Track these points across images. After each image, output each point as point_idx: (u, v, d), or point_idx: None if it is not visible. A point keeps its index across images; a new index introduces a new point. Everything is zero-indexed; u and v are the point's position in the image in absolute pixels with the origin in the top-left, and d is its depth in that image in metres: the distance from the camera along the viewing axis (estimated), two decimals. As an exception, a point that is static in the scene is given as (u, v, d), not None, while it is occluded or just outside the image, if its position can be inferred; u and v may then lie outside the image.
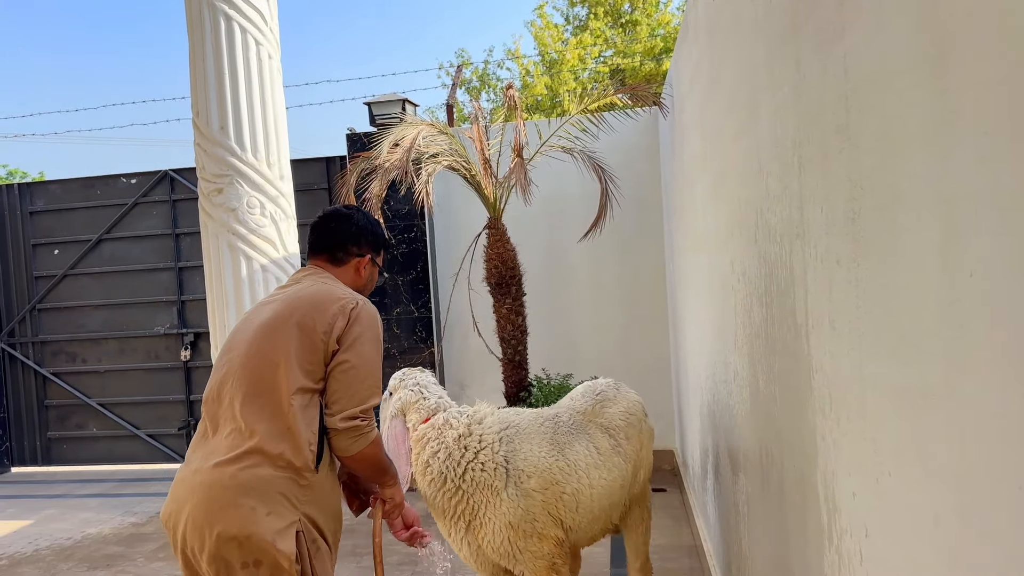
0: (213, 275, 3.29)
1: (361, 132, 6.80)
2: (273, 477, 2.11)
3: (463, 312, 6.25)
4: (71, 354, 7.81)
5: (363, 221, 2.54)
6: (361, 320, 2.25)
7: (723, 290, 2.93)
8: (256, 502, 2.08)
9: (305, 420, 2.16)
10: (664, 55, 18.05)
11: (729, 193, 2.69)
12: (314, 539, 2.17)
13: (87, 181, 7.78)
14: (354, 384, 2.19)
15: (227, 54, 3.23)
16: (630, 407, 3.26)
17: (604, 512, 3.02)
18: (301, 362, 2.18)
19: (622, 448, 3.10)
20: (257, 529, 2.07)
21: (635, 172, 6.28)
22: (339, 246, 2.48)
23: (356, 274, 2.50)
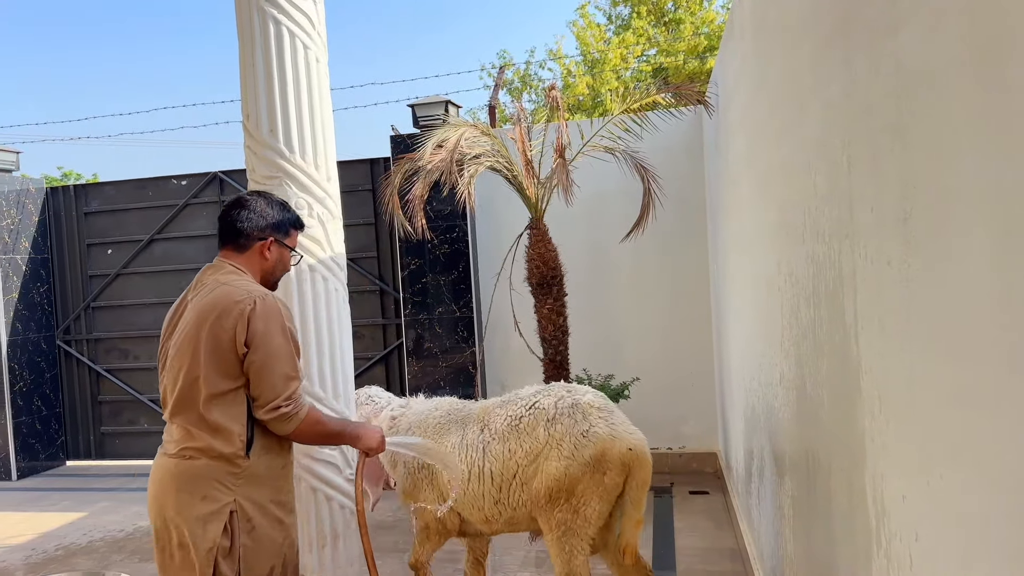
0: (262, 274, 3.34)
1: (405, 133, 6.87)
2: (207, 466, 2.36)
3: (504, 312, 6.28)
4: (123, 351, 8.03)
5: (260, 205, 2.61)
6: (260, 318, 2.36)
7: (769, 291, 2.90)
8: (192, 488, 2.36)
9: (231, 416, 2.38)
10: (708, 53, 17.87)
11: (775, 193, 2.66)
12: (249, 518, 2.40)
13: (139, 183, 7.99)
14: (268, 379, 2.36)
15: (276, 58, 3.29)
16: (523, 415, 3.19)
17: (481, 500, 3.21)
18: (217, 370, 2.36)
19: (489, 447, 3.21)
20: (191, 513, 2.35)
21: (678, 171, 6.24)
22: (239, 233, 2.58)
23: (262, 258, 2.59)
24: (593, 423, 3.07)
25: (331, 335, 3.39)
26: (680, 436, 6.49)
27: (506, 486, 3.16)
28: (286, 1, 3.26)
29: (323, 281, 3.41)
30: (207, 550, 2.35)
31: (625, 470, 3.05)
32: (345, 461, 3.33)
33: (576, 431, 3.05)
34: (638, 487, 3.08)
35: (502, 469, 3.16)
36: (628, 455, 3.02)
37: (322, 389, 3.32)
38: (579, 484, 3.03)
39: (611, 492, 3.06)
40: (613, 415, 3.15)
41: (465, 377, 6.65)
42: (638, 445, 3.07)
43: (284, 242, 2.66)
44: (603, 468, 3.01)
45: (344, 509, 3.31)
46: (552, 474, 3.04)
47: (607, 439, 3.02)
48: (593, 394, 3.24)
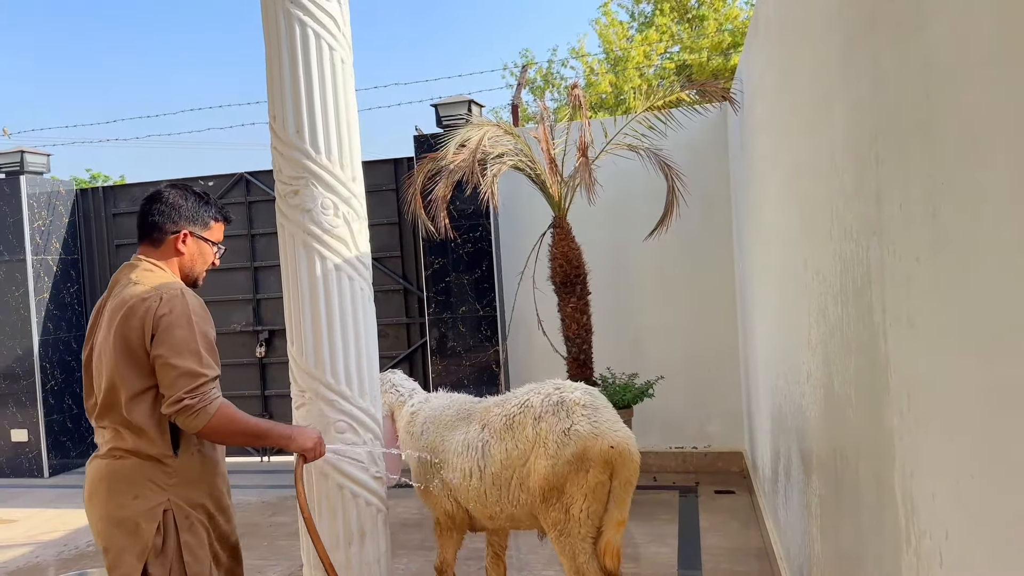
0: (289, 274, 3.39)
1: (428, 133, 6.90)
2: (137, 465, 2.36)
3: (528, 311, 6.28)
4: (153, 350, 8.15)
5: (173, 197, 2.55)
6: (164, 313, 2.32)
7: (796, 289, 2.88)
8: (124, 488, 2.36)
9: (155, 417, 2.36)
10: (732, 50, 17.74)
11: (802, 190, 2.64)
12: (187, 515, 2.39)
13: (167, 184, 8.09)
14: (170, 373, 2.29)
15: (302, 60, 3.33)
16: (516, 414, 3.20)
17: (483, 497, 3.26)
18: (132, 370, 2.34)
19: (488, 446, 3.25)
20: (125, 512, 2.35)
21: (703, 169, 6.20)
22: (153, 228, 2.53)
23: (177, 252, 2.54)
24: (576, 420, 3.05)
25: (356, 334, 3.42)
26: (705, 435, 6.46)
27: (505, 486, 3.18)
28: (311, 3, 3.29)
29: (348, 281, 3.43)
30: (139, 551, 2.33)
31: (608, 468, 3.02)
32: (371, 460, 3.36)
33: (559, 429, 3.04)
34: (621, 486, 3.04)
35: (500, 469, 3.18)
36: (610, 453, 2.98)
37: (348, 387, 3.35)
38: (567, 483, 3.02)
39: (597, 490, 3.03)
40: (598, 413, 3.11)
41: (489, 376, 6.67)
42: (620, 443, 3.02)
43: (202, 235, 2.60)
44: (586, 466, 3.00)
45: (371, 507, 3.34)
46: (541, 473, 3.05)
47: (588, 437, 3.00)
48: (582, 391, 3.20)
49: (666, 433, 6.45)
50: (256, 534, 5.52)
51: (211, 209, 2.64)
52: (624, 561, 4.54)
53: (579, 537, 3.05)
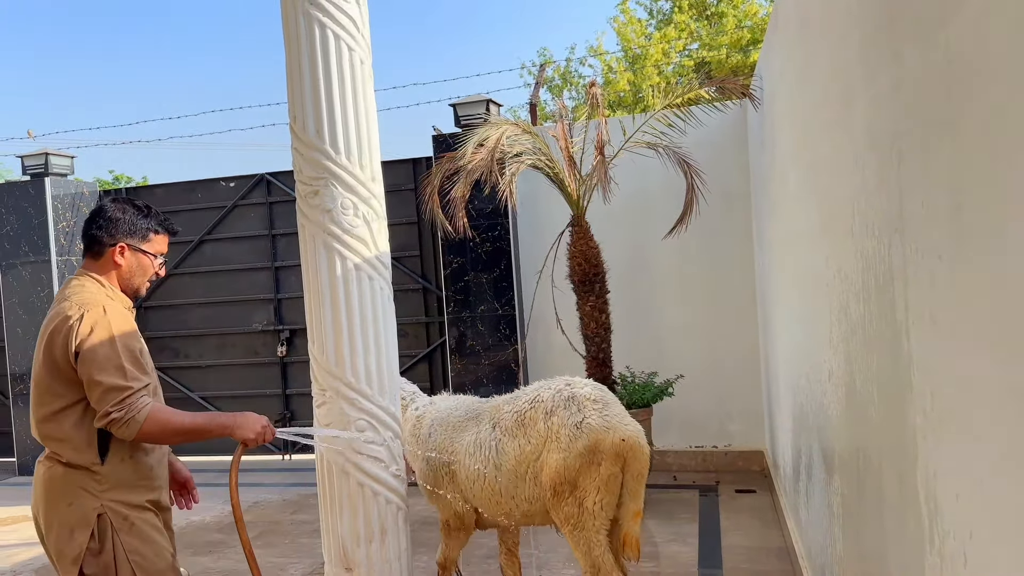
0: (310, 273, 3.41)
1: (447, 133, 6.92)
2: (70, 473, 2.45)
3: (547, 309, 6.28)
4: (175, 350, 8.24)
5: (112, 212, 2.62)
6: (84, 332, 2.40)
7: (817, 287, 2.86)
8: (59, 496, 2.45)
9: (82, 428, 2.46)
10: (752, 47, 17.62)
11: (823, 187, 2.62)
12: (125, 516, 2.47)
13: (189, 185, 8.19)
14: (96, 390, 2.39)
15: (322, 61, 3.34)
16: (527, 410, 3.25)
17: (498, 495, 3.29)
18: (60, 386, 2.44)
19: (500, 443, 3.28)
20: (60, 519, 2.44)
21: (722, 166, 6.17)
22: (93, 240, 2.61)
23: (115, 264, 2.61)
24: (587, 415, 3.10)
25: (376, 333, 3.43)
26: (726, 434, 6.43)
27: (519, 481, 3.22)
28: (331, 4, 3.31)
29: (368, 280, 3.45)
30: (74, 556, 2.41)
31: (620, 461, 3.07)
32: (391, 457, 3.37)
33: (571, 423, 3.10)
34: (634, 478, 3.10)
35: (514, 465, 3.22)
36: (621, 446, 3.04)
37: (368, 386, 3.37)
38: (579, 476, 3.06)
39: (610, 483, 3.08)
40: (608, 407, 3.17)
41: (508, 375, 6.67)
42: (631, 436, 3.07)
43: (139, 247, 2.65)
44: (597, 459, 3.05)
45: (391, 504, 3.36)
46: (553, 467, 3.09)
47: (600, 430, 3.06)
48: (592, 387, 3.26)
49: (686, 432, 6.43)
50: (277, 532, 5.56)
51: (150, 222, 2.70)
52: (644, 560, 4.54)
53: (593, 530, 3.09)
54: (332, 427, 3.34)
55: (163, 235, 2.77)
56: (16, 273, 7.97)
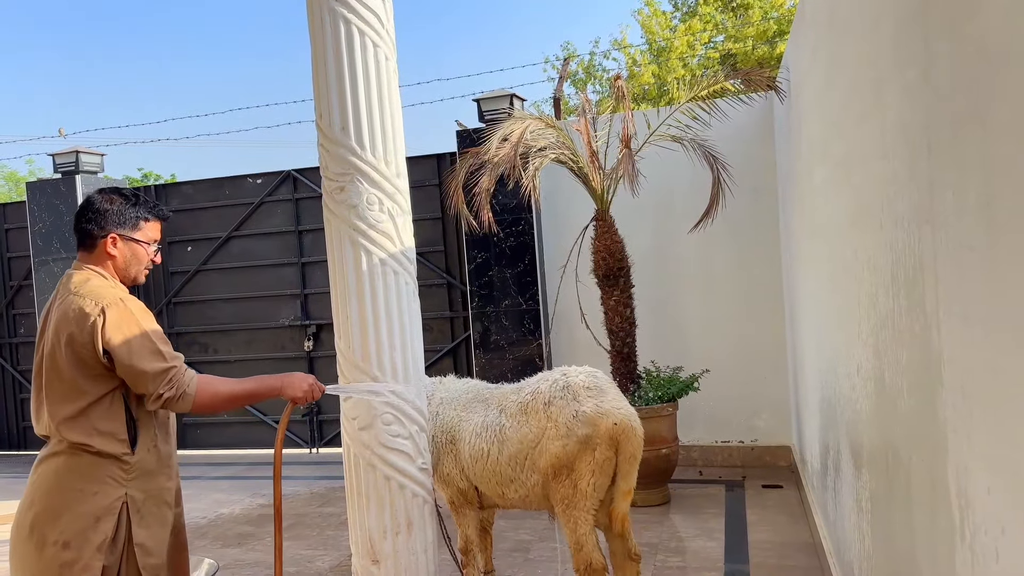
0: (336, 269, 3.45)
1: (471, 128, 6.92)
2: (97, 462, 2.47)
3: (571, 304, 6.27)
4: (203, 344, 8.34)
5: (99, 203, 2.63)
6: (111, 328, 2.44)
7: (846, 280, 2.83)
8: (85, 484, 2.45)
9: (110, 417, 2.49)
10: (778, 38, 17.42)
11: (852, 179, 2.60)
12: (139, 508, 2.52)
13: (216, 182, 8.28)
14: (141, 378, 2.46)
15: (347, 57, 3.37)
16: (529, 401, 3.40)
17: (498, 477, 3.45)
18: (89, 382, 2.46)
19: (503, 429, 3.44)
20: (86, 508, 2.44)
21: (748, 159, 6.11)
22: (85, 234, 2.61)
23: (108, 255, 2.60)
24: (582, 403, 3.29)
25: (402, 328, 3.45)
26: (752, 430, 6.38)
27: (519, 466, 3.41)
28: (356, 1, 3.33)
29: (394, 275, 3.47)
30: (98, 543, 2.44)
31: (614, 444, 3.26)
32: (417, 451, 3.40)
33: (568, 412, 3.29)
34: (626, 460, 3.28)
35: (516, 451, 3.40)
36: (614, 430, 3.23)
37: (394, 379, 3.39)
38: (576, 460, 3.25)
39: (604, 466, 3.27)
40: (603, 393, 3.35)
41: (532, 370, 6.66)
42: (623, 420, 3.26)
43: (132, 236, 2.65)
44: (593, 444, 3.24)
45: (417, 498, 3.38)
46: (553, 452, 3.28)
47: (594, 417, 3.25)
48: (586, 375, 3.42)
49: (712, 427, 6.39)
50: (305, 524, 5.63)
51: (139, 210, 2.69)
52: (670, 554, 4.53)
53: (583, 509, 3.29)
54: (358, 421, 3.38)
55: (154, 222, 2.75)
56: (48, 270, 8.12)
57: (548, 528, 4.92)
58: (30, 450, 8.98)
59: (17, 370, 9.01)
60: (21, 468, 8.32)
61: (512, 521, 5.19)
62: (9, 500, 6.94)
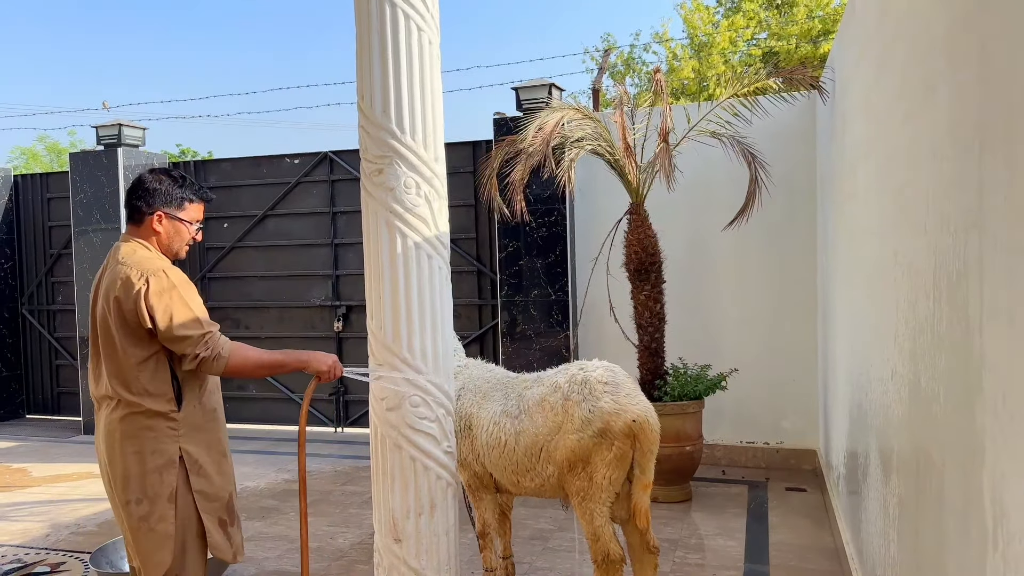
0: (371, 250, 3.47)
1: (509, 116, 6.92)
2: (149, 423, 2.73)
3: (600, 297, 6.26)
4: (235, 320, 8.46)
5: (149, 182, 2.88)
6: (154, 295, 2.68)
7: (884, 283, 2.79)
8: (143, 444, 2.72)
9: (157, 379, 2.75)
10: (822, 38, 17.15)
11: (895, 180, 2.56)
12: (195, 460, 2.78)
13: (255, 160, 8.37)
14: (179, 341, 2.69)
15: (391, 41, 3.38)
16: (547, 395, 3.43)
17: (513, 466, 3.48)
18: (136, 346, 2.72)
19: (520, 420, 3.47)
20: (149, 465, 2.72)
21: (787, 158, 6.04)
22: (134, 209, 2.88)
23: (154, 231, 2.87)
24: (599, 398, 3.30)
25: (433, 312, 3.47)
26: (778, 431, 6.33)
27: (535, 457, 3.43)
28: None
29: (427, 259, 3.48)
30: (167, 495, 2.73)
31: (631, 439, 3.27)
32: (443, 434, 3.42)
33: (585, 406, 3.30)
34: (643, 454, 3.30)
35: (531, 442, 3.43)
36: (632, 426, 3.25)
37: (423, 362, 3.41)
38: (591, 454, 3.28)
39: (620, 460, 3.29)
40: (619, 388, 3.35)
41: (558, 361, 6.67)
42: (641, 415, 3.27)
43: (176, 215, 2.90)
44: (609, 439, 3.25)
45: (440, 480, 3.40)
46: (569, 446, 3.30)
47: (611, 413, 3.26)
48: (603, 369, 3.43)
49: (738, 426, 6.35)
50: (328, 501, 5.70)
51: (185, 191, 2.93)
52: (689, 551, 4.52)
53: (599, 501, 3.31)
54: (387, 402, 3.41)
55: (198, 203, 3.00)
56: (88, 239, 8.27)
57: (568, 518, 4.93)
58: (64, 415, 9.20)
59: (54, 336, 9.21)
60: (56, 432, 8.52)
61: (532, 510, 5.21)
62: (50, 463, 7.11)
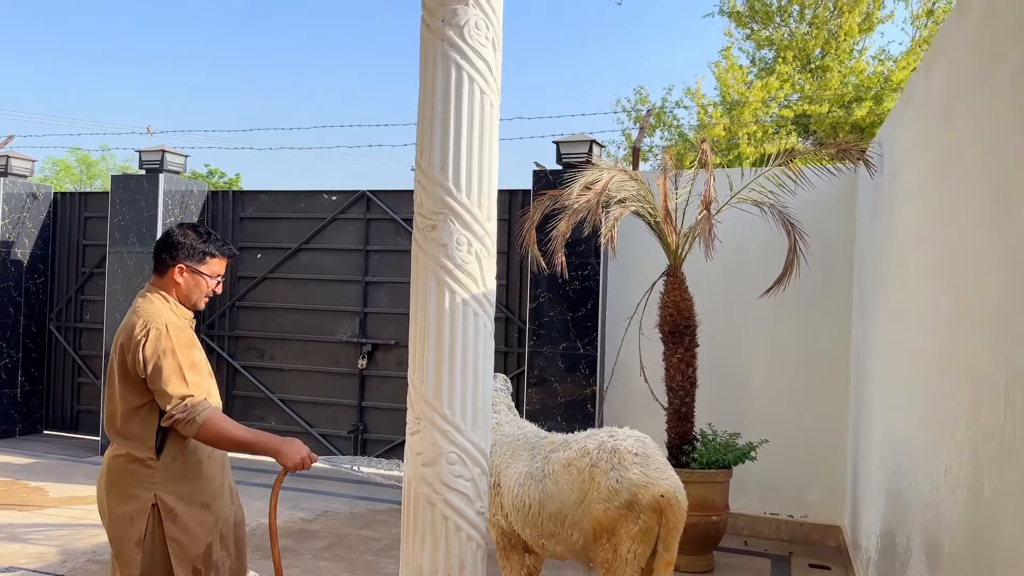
0: (419, 303, 3.49)
1: (548, 169, 6.98)
2: (131, 468, 2.85)
3: (629, 355, 6.23)
4: (261, 350, 8.49)
5: (176, 236, 3.05)
6: (150, 348, 2.81)
7: (939, 379, 2.77)
8: (122, 487, 2.86)
9: (145, 425, 2.86)
10: (855, 104, 17.24)
11: (960, 280, 2.54)
12: (170, 509, 2.85)
13: (293, 194, 8.48)
14: (163, 396, 2.79)
15: (454, 101, 3.44)
16: (575, 459, 3.39)
17: (539, 529, 3.45)
18: (130, 393, 2.85)
19: (545, 483, 3.44)
20: (123, 509, 2.85)
21: (824, 229, 6.02)
22: (159, 260, 3.05)
23: (175, 282, 3.02)
24: (628, 468, 3.26)
25: (476, 369, 3.48)
26: (803, 504, 6.23)
27: (560, 523, 3.40)
28: (469, 49, 3.40)
29: (474, 316, 3.50)
30: (136, 540, 2.83)
31: (657, 514, 3.22)
32: (477, 493, 3.39)
33: (613, 475, 3.26)
34: (668, 531, 3.24)
35: (557, 509, 3.40)
36: (660, 501, 3.20)
37: (463, 420, 3.40)
38: (617, 526, 3.22)
39: (646, 534, 3.23)
40: (649, 461, 3.31)
41: (583, 415, 6.64)
42: (669, 491, 3.23)
43: (197, 268, 3.05)
44: (636, 512, 3.20)
45: (471, 541, 3.37)
46: (595, 516, 3.26)
47: (640, 485, 3.21)
48: (634, 439, 3.39)
49: (762, 497, 6.25)
50: (344, 545, 5.65)
51: (209, 246, 3.10)
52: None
53: (625, 575, 3.26)
54: (423, 456, 3.39)
55: (220, 259, 3.16)
56: (122, 260, 8.37)
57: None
58: (82, 433, 9.22)
59: (79, 353, 9.28)
60: (73, 450, 8.53)
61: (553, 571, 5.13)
62: (67, 483, 7.11)
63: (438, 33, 3.44)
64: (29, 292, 9.19)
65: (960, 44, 2.64)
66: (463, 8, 3.42)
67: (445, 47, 3.40)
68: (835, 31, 18.39)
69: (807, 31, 19.08)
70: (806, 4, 18.88)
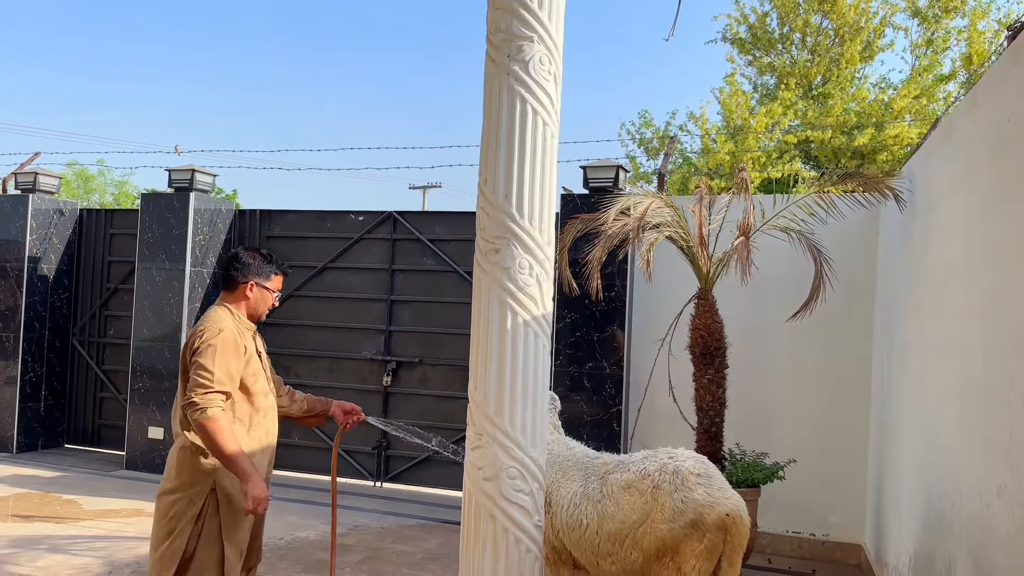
0: (480, 324, 3.64)
1: (576, 193, 7.16)
2: (191, 454, 3.27)
3: (657, 375, 6.38)
4: (287, 367, 8.59)
5: (245, 257, 3.51)
6: (196, 345, 3.23)
7: (990, 403, 2.92)
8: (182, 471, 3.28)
9: None
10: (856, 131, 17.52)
11: (1011, 316, 2.70)
12: (227, 493, 3.26)
13: (320, 214, 8.64)
14: (193, 380, 3.18)
15: (518, 132, 3.60)
16: (635, 481, 3.49)
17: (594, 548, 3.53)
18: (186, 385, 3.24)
19: (604, 504, 3.53)
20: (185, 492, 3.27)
21: (848, 256, 6.20)
22: (228, 277, 3.49)
23: (245, 297, 3.47)
24: (692, 489, 3.35)
25: (535, 388, 3.62)
26: (825, 524, 6.37)
27: (620, 544, 3.46)
28: (533, 82, 3.58)
29: (534, 337, 3.65)
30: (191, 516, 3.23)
31: (722, 532, 3.31)
32: (535, 508, 3.53)
33: (677, 496, 3.35)
34: (733, 548, 3.33)
35: (617, 529, 3.46)
36: (726, 520, 3.30)
37: (523, 436, 3.54)
38: (681, 545, 3.31)
39: (711, 552, 3.31)
40: (711, 480, 3.41)
41: (608, 434, 6.77)
42: (734, 510, 3.32)
43: (264, 285, 3.53)
44: (701, 531, 3.29)
45: (530, 554, 3.50)
46: (659, 536, 3.33)
47: (704, 505, 3.31)
48: (694, 460, 3.49)
49: (785, 516, 6.39)
50: (380, 559, 5.75)
51: (272, 266, 3.57)
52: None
53: None
54: (484, 471, 3.52)
55: (280, 276, 3.63)
56: (151, 277, 8.49)
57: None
58: (103, 447, 9.29)
59: (102, 368, 9.37)
60: (97, 465, 8.60)
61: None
62: (99, 496, 7.17)
63: (503, 67, 3.62)
64: (54, 307, 9.30)
65: (1013, 88, 2.82)
66: (528, 44, 3.60)
67: (511, 81, 3.58)
68: (836, 59, 18.75)
69: (808, 58, 19.44)
70: (807, 32, 19.26)
